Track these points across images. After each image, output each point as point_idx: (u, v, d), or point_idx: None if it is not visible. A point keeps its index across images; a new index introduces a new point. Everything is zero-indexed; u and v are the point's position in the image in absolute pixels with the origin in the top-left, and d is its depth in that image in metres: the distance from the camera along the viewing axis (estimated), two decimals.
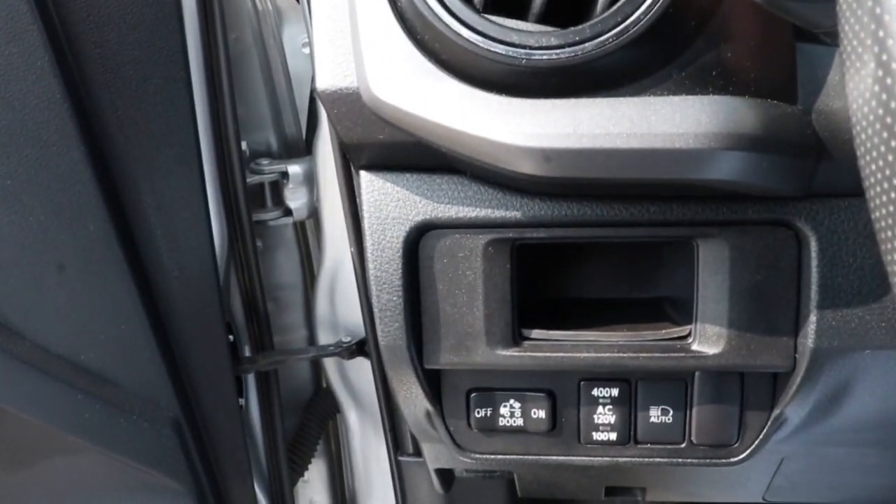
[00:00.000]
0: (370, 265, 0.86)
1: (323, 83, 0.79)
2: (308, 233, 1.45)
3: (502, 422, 0.95)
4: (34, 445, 1.13)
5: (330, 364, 1.41)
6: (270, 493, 1.39)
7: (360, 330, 1.28)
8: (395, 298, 0.87)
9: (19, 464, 1.16)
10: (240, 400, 1.31)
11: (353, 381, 1.41)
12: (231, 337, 1.27)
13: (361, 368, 1.36)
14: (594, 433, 0.94)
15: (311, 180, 1.29)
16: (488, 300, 0.87)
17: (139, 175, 1.01)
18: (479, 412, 0.95)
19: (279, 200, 1.30)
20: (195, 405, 1.14)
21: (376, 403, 1.21)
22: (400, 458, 1.24)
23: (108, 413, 1.07)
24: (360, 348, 1.27)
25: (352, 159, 0.87)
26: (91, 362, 1.05)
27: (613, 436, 0.94)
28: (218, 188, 1.17)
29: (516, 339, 0.89)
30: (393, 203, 0.85)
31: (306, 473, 1.51)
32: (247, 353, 1.31)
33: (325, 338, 1.36)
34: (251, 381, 1.34)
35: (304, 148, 1.36)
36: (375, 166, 0.84)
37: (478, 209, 0.84)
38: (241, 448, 1.23)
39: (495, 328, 0.88)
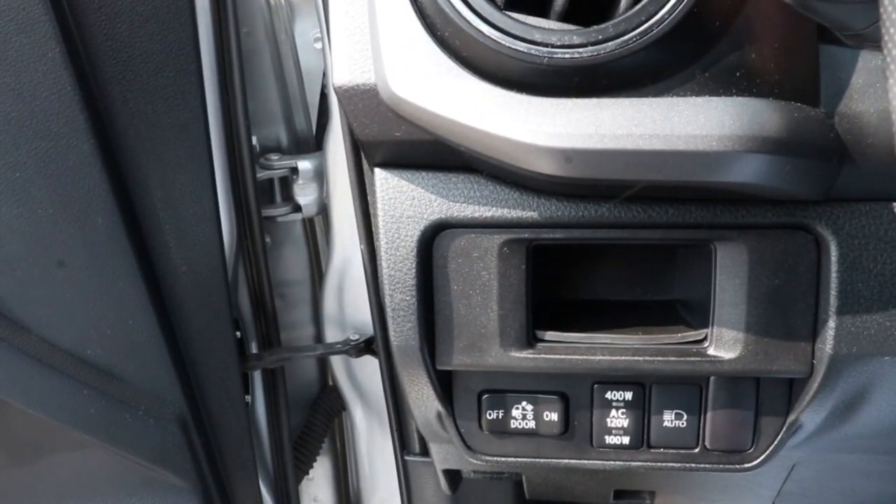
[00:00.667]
0: (384, 264, 0.85)
1: (340, 79, 0.78)
2: (317, 229, 1.44)
3: (514, 424, 0.94)
4: (39, 440, 1.12)
5: (337, 362, 1.40)
6: (275, 491, 1.38)
7: (367, 328, 1.27)
8: (408, 298, 0.86)
9: (24, 458, 1.15)
10: (246, 397, 1.30)
11: (360, 380, 1.40)
12: (238, 333, 1.26)
13: (368, 366, 1.35)
14: (607, 437, 0.93)
15: (320, 176, 1.28)
16: (503, 301, 0.86)
17: (149, 169, 1.00)
18: (490, 414, 0.94)
19: (288, 196, 1.29)
20: (201, 402, 1.13)
21: (383, 402, 1.20)
22: (406, 458, 1.23)
23: (113, 409, 1.06)
24: (367, 346, 1.26)
25: (366, 156, 0.86)
26: (97, 357, 1.04)
27: (626, 440, 0.93)
28: (228, 183, 1.16)
29: (530, 341, 0.88)
30: (408, 201, 0.84)
31: (311, 471, 1.50)
32: (253, 349, 1.31)
33: (332, 335, 1.35)
34: (257, 378, 1.34)
35: (314, 144, 1.35)
36: (390, 164, 0.83)
37: (494, 209, 0.83)
38: (247, 445, 1.22)
39: (509, 329, 0.87)
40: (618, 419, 0.92)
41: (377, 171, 0.84)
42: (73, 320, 1.02)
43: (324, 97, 1.31)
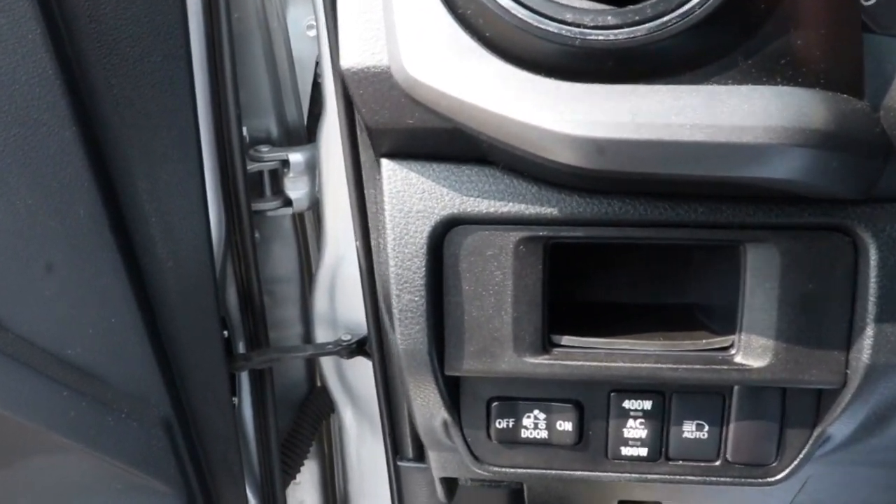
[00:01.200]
0: (391, 262, 0.80)
1: (349, 61, 0.73)
2: (307, 224, 1.40)
3: (525, 433, 0.90)
4: (15, 443, 1.07)
5: (326, 362, 1.36)
6: (262, 496, 1.34)
7: (360, 328, 1.23)
8: (416, 299, 0.81)
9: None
10: (232, 398, 1.25)
11: (351, 381, 1.36)
12: (225, 332, 1.21)
13: (360, 368, 1.31)
14: (623, 448, 0.89)
15: (312, 169, 1.23)
16: (517, 303, 0.81)
17: (134, 159, 0.96)
18: (500, 423, 0.90)
19: (278, 190, 1.25)
20: (187, 404, 1.09)
21: (374, 404, 1.16)
22: (399, 463, 1.19)
23: (94, 411, 1.01)
24: (360, 347, 1.22)
25: (373, 146, 0.81)
26: (78, 357, 0.99)
27: (643, 451, 0.89)
28: (216, 175, 1.11)
29: (545, 346, 0.83)
30: (417, 195, 0.79)
31: (297, 475, 1.46)
32: (241, 349, 1.26)
33: (322, 335, 1.31)
34: (244, 378, 1.29)
35: (305, 135, 1.31)
36: (399, 154, 0.78)
37: (510, 204, 0.78)
38: (234, 449, 1.19)
39: (524, 333, 0.82)
40: (635, 429, 0.88)
41: (384, 162, 0.79)
42: (53, 318, 0.97)
43: (317, 87, 1.26)
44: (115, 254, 0.96)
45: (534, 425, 0.89)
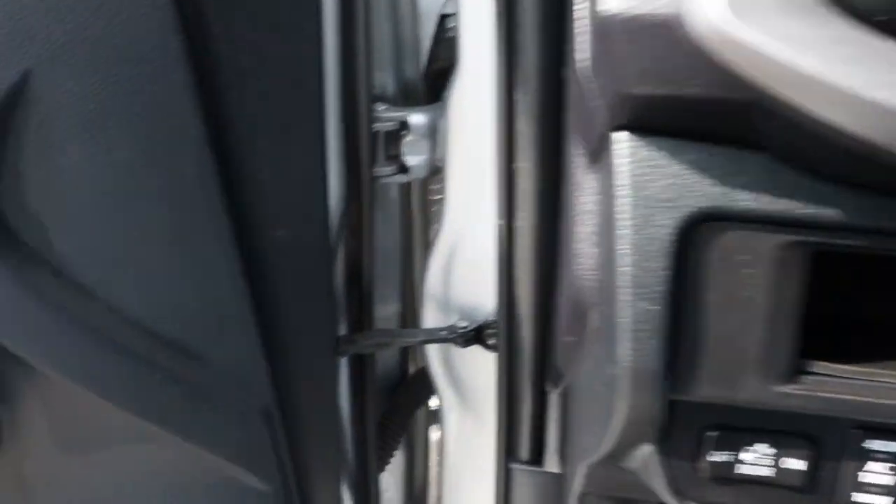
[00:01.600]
0: (623, 261, 0.67)
1: (616, 3, 0.59)
2: (412, 195, 1.28)
3: (743, 469, 0.77)
4: (99, 428, 0.97)
5: (432, 348, 1.24)
6: (355, 489, 1.23)
7: (474, 313, 1.12)
8: (654, 308, 0.67)
9: (83, 446, 1.00)
10: None
11: (457, 369, 1.24)
12: None
13: (467, 354, 1.18)
14: (857, 493, 0.76)
15: (433, 133, 1.10)
16: (771, 320, 0.68)
17: (250, 108, 0.84)
18: (713, 455, 0.77)
19: (393, 154, 1.12)
20: (287, 392, 0.98)
21: (480, 395, 1.10)
22: (510, 465, 1.09)
23: (190, 396, 0.91)
24: (477, 335, 1.09)
25: (611, 114, 0.67)
26: (174, 334, 0.88)
27: (884, 500, 0.75)
28: (340, 134, 0.99)
29: (796, 372, 0.70)
30: (663, 180, 0.65)
31: None
32: (342, 331, 1.14)
33: (430, 318, 1.19)
34: (342, 364, 1.17)
35: (422, 95, 1.18)
36: (642, 128, 0.65)
37: (778, 200, 0.64)
38: (332, 443, 1.09)
39: (774, 357, 0.69)
40: (877, 473, 0.75)
41: (620, 136, 0.65)
42: (147, 286, 0.86)
43: (444, 42, 1.14)
44: (222, 217, 0.84)
45: (757, 461, 0.77)
